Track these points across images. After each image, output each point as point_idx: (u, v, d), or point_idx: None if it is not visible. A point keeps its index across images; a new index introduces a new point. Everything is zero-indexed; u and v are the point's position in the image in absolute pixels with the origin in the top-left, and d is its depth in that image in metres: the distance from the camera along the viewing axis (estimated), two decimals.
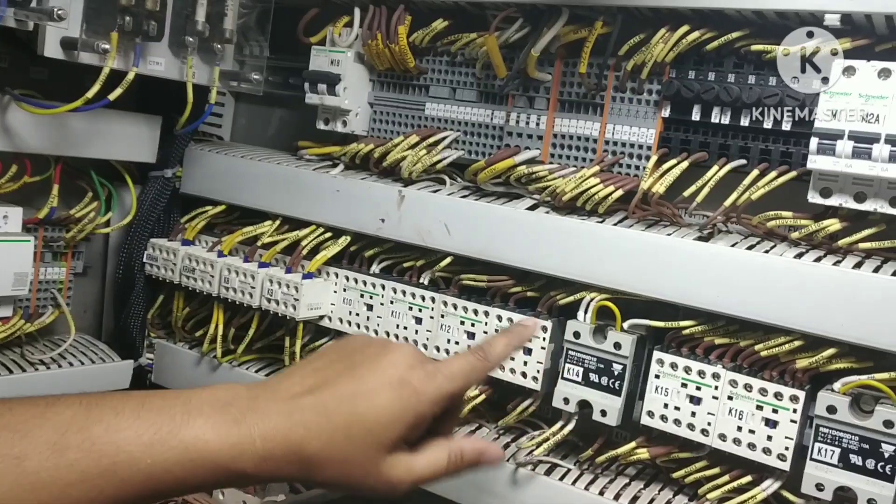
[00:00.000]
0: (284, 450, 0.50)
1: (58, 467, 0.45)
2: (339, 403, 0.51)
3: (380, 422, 0.50)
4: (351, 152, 0.80)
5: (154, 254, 0.88)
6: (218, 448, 0.48)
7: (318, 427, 0.50)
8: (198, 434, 0.48)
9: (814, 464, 0.57)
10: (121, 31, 0.73)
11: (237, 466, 0.49)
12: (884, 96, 0.55)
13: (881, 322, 0.54)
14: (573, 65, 0.70)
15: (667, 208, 0.66)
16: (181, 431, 0.48)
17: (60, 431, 0.46)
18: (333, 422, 0.51)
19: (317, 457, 0.50)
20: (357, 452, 0.51)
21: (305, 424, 0.50)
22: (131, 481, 0.46)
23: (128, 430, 0.47)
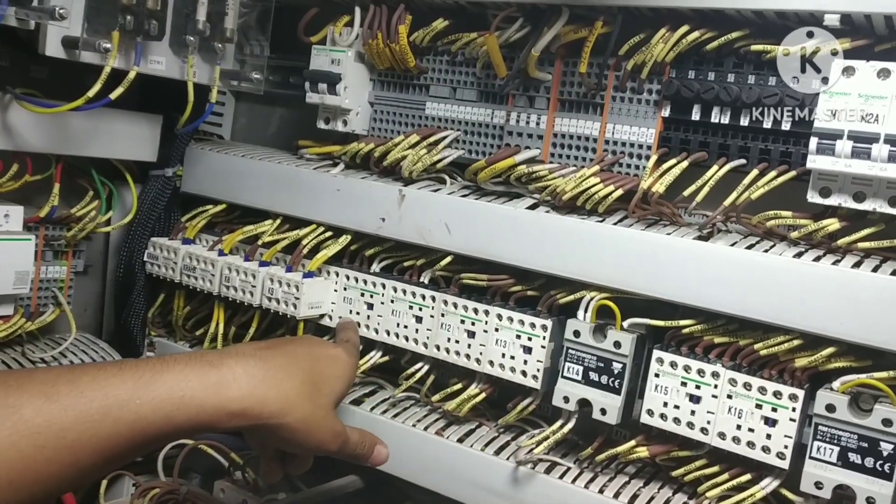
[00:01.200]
0: (265, 388, 0.56)
1: (52, 412, 0.48)
2: (304, 354, 0.62)
3: (336, 375, 0.64)
4: (351, 151, 0.81)
5: (155, 252, 0.88)
6: (201, 387, 0.53)
7: (292, 371, 0.59)
8: (178, 377, 0.53)
9: (813, 462, 0.57)
10: (122, 31, 0.73)
11: (221, 404, 0.54)
12: (883, 96, 0.55)
13: (880, 321, 0.54)
14: (573, 64, 0.70)
15: (666, 208, 0.66)
16: (163, 376, 0.53)
17: (51, 383, 0.50)
18: (303, 368, 0.60)
19: (293, 398, 0.58)
20: (321, 397, 0.61)
21: (281, 367, 0.58)
22: (123, 421, 0.50)
23: (113, 378, 0.51)
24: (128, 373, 0.52)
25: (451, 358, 0.72)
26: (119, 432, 0.50)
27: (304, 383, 0.60)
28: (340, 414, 0.78)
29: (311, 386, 0.61)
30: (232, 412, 0.55)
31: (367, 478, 0.81)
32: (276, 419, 0.58)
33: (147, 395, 0.51)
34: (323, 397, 0.62)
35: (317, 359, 0.64)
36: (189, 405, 0.53)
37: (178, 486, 0.81)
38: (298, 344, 0.67)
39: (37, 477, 0.48)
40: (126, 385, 0.51)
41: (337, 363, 0.66)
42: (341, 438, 0.63)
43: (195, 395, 0.53)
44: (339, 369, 0.66)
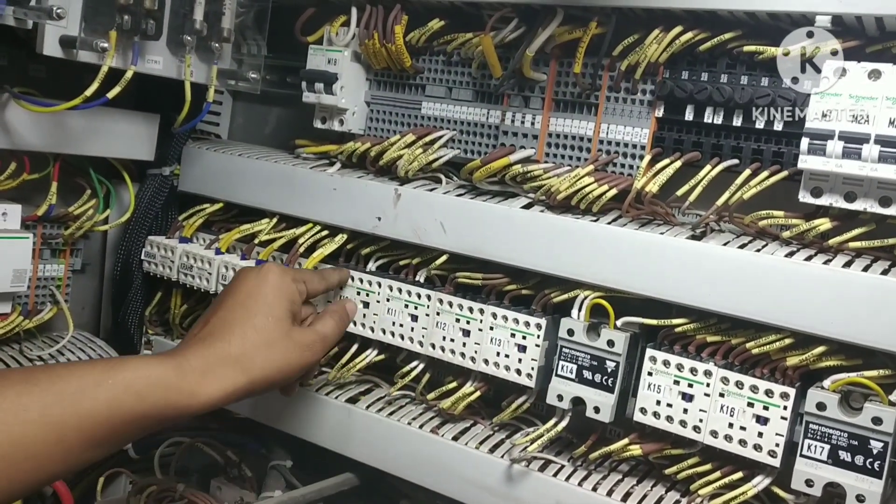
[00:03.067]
0: (218, 357, 0.61)
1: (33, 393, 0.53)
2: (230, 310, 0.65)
3: (267, 301, 0.65)
4: (348, 151, 0.81)
5: (152, 251, 0.88)
6: (162, 370, 0.58)
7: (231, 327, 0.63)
8: (140, 364, 0.58)
9: (803, 460, 0.58)
10: (119, 30, 0.73)
11: (183, 382, 0.58)
12: (874, 97, 0.55)
13: (870, 320, 0.55)
14: (568, 65, 0.71)
15: (660, 207, 0.66)
16: (125, 364, 0.58)
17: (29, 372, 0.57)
18: (239, 318, 0.64)
19: (246, 350, 0.62)
20: (267, 325, 0.64)
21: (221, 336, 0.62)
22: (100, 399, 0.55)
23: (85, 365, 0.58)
24: (98, 362, 0.59)
25: (447, 356, 0.73)
26: (97, 409, 0.54)
27: (245, 330, 0.63)
28: (338, 414, 0.78)
29: (253, 328, 0.63)
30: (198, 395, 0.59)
31: (362, 475, 0.81)
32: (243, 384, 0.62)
33: (118, 375, 0.56)
34: (269, 327, 0.64)
35: (246, 298, 0.66)
36: (157, 385, 0.57)
37: (174, 484, 0.82)
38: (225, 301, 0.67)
39: (27, 453, 0.51)
40: (97, 369, 0.57)
41: (259, 294, 0.66)
42: (317, 346, 0.68)
43: (159, 378, 0.58)
44: (260, 296, 0.66)
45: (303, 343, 0.66)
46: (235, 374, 0.61)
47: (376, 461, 0.77)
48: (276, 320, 0.65)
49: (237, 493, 0.83)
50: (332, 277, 0.76)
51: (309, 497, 0.79)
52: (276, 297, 0.66)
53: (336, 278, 0.76)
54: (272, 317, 0.65)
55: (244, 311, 0.65)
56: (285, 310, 0.66)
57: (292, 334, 0.66)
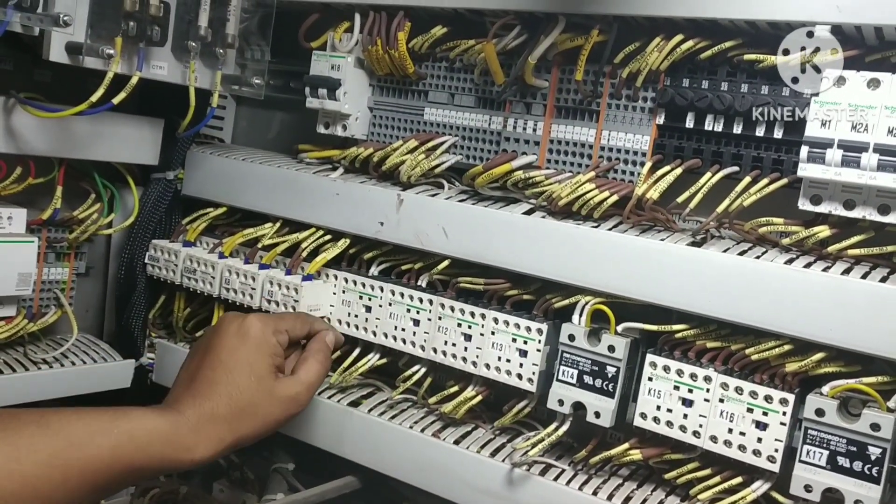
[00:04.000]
0: (208, 417, 0.63)
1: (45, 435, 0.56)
2: (213, 369, 0.66)
3: (248, 361, 0.66)
4: (350, 156, 0.81)
5: (156, 255, 0.89)
6: (162, 424, 0.61)
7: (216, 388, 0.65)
8: (142, 417, 0.61)
9: (802, 465, 0.58)
10: (125, 37, 0.74)
11: (180, 439, 0.61)
12: (873, 106, 0.56)
13: (869, 327, 0.55)
14: (570, 72, 0.71)
15: (661, 214, 0.67)
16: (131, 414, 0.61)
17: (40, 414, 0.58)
18: (222, 379, 0.65)
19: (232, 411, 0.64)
20: (251, 386, 0.66)
21: (209, 396, 0.64)
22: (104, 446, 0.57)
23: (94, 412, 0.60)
24: (105, 411, 0.60)
25: (448, 361, 0.73)
26: (102, 456, 0.57)
27: (231, 393, 0.65)
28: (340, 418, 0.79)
29: (237, 388, 0.65)
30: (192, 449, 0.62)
31: (364, 479, 0.82)
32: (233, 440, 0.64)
33: (122, 424, 0.59)
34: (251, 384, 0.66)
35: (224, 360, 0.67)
36: (157, 438, 0.60)
37: (177, 487, 0.82)
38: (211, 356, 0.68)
39: (35, 493, 0.54)
40: (104, 418, 0.60)
41: (235, 354, 0.67)
42: (302, 397, 0.68)
43: (156, 431, 0.61)
44: (241, 356, 0.67)
45: (287, 397, 0.68)
46: (225, 434, 0.64)
47: (378, 464, 0.77)
48: (258, 380, 0.66)
49: (240, 495, 0.83)
50: (316, 322, 0.75)
51: (311, 500, 0.80)
52: (257, 355, 0.67)
53: (323, 323, 0.76)
54: (254, 377, 0.66)
55: (226, 372, 0.66)
56: (267, 366, 0.67)
57: (275, 391, 0.67)
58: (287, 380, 0.68)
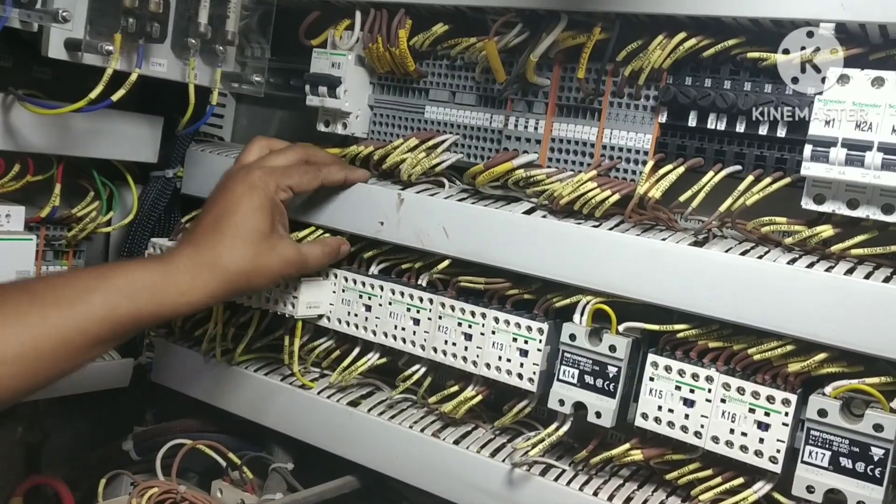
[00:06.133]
0: (206, 264, 0.67)
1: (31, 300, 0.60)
2: (217, 219, 0.69)
3: (254, 215, 0.69)
4: (351, 154, 0.81)
5: (154, 253, 0.88)
6: (151, 275, 0.65)
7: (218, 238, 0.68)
8: (131, 269, 0.65)
9: (805, 466, 0.58)
10: (124, 33, 0.74)
11: (171, 286, 0.65)
12: (877, 104, 0.55)
13: (872, 327, 0.55)
14: (571, 70, 0.71)
15: (663, 213, 0.66)
16: (116, 270, 0.66)
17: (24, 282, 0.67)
18: (224, 231, 0.68)
19: (234, 259, 0.68)
20: (253, 237, 0.69)
21: (208, 244, 0.68)
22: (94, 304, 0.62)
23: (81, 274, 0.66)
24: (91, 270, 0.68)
25: (448, 360, 0.73)
26: (93, 311, 0.61)
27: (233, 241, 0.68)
28: (340, 417, 0.79)
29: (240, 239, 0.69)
30: (188, 292, 0.66)
31: (363, 478, 0.81)
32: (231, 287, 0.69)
33: (109, 280, 0.63)
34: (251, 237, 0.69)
35: (227, 209, 0.70)
36: (146, 288, 0.64)
37: (175, 486, 0.82)
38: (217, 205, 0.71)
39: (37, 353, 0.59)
40: (91, 276, 0.65)
41: (239, 204, 0.70)
42: (296, 266, 0.73)
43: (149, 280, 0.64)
44: (243, 208, 0.69)
45: (283, 255, 0.71)
46: (220, 279, 0.67)
47: (377, 464, 0.77)
48: (261, 233, 0.70)
49: (238, 495, 0.83)
50: (333, 172, 0.77)
51: (310, 500, 0.79)
52: (262, 209, 0.70)
53: (339, 174, 0.77)
54: (258, 229, 0.69)
55: (230, 223, 0.69)
56: (269, 221, 0.71)
57: (276, 245, 0.71)
58: (289, 242, 0.73)
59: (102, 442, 0.94)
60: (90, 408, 0.96)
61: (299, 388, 0.82)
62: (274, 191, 0.71)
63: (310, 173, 0.74)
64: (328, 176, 0.76)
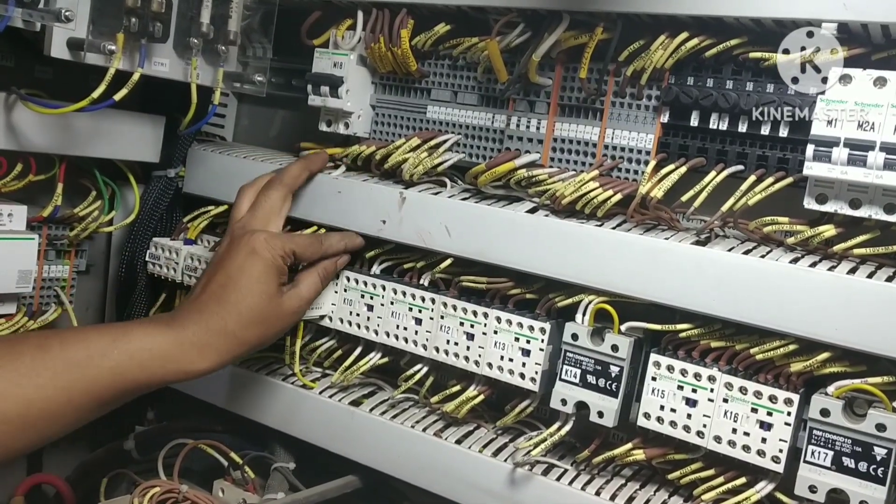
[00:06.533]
0: (215, 332, 0.68)
1: (45, 359, 0.60)
2: (223, 286, 0.70)
3: (259, 280, 0.70)
4: (353, 154, 0.81)
5: (156, 252, 0.89)
6: (165, 344, 0.65)
7: (225, 307, 0.69)
8: (143, 336, 0.65)
9: (807, 466, 0.58)
10: (127, 33, 0.74)
11: (182, 356, 0.66)
12: (879, 104, 0.56)
13: (875, 327, 0.55)
14: (573, 70, 0.71)
15: (665, 212, 0.67)
16: (132, 333, 0.65)
17: (44, 337, 0.64)
18: (229, 299, 0.69)
19: (242, 325, 0.69)
20: (260, 303, 0.70)
21: (215, 313, 0.68)
22: (105, 367, 0.62)
23: (94, 333, 0.64)
24: (106, 331, 0.65)
25: (450, 360, 0.73)
26: (103, 376, 0.62)
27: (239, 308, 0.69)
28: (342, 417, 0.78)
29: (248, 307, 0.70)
30: (196, 365, 0.67)
31: (365, 478, 0.81)
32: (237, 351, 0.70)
33: (122, 346, 0.63)
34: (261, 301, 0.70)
35: (232, 277, 0.71)
36: (158, 356, 0.65)
37: (177, 486, 0.82)
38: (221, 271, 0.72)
39: (41, 413, 0.59)
40: (105, 339, 0.63)
41: (245, 269, 0.71)
42: (302, 310, 0.75)
43: (159, 350, 0.65)
44: (250, 272, 0.71)
45: (290, 310, 0.73)
46: (230, 346, 0.69)
47: (379, 464, 0.77)
48: (268, 297, 0.71)
49: (240, 494, 0.83)
50: (334, 244, 0.77)
51: (312, 499, 0.79)
52: (267, 274, 0.71)
53: (340, 244, 0.77)
54: (265, 294, 0.70)
55: (235, 290, 0.70)
56: (275, 285, 0.71)
57: (282, 306, 0.72)
58: (291, 294, 0.73)
59: (104, 441, 0.94)
60: None
61: (301, 388, 0.82)
62: (278, 255, 0.72)
63: (314, 245, 0.75)
64: (329, 248, 0.77)
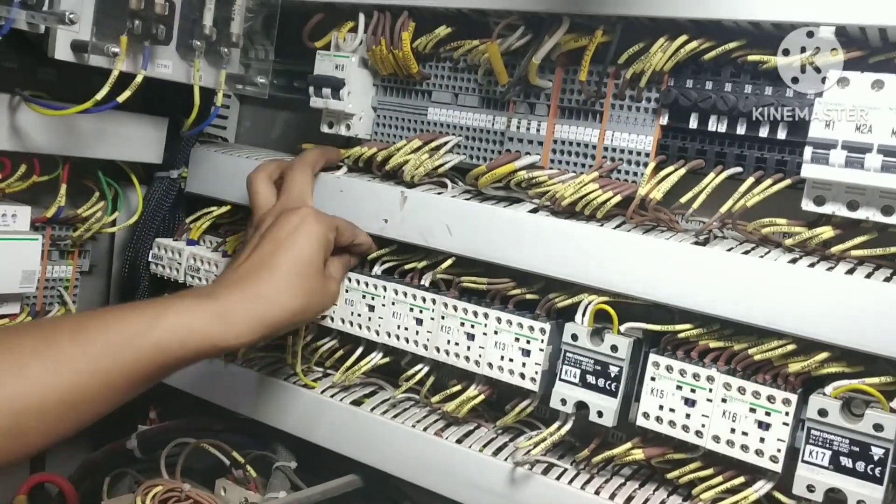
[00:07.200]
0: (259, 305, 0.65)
1: (83, 344, 0.58)
2: (273, 252, 0.68)
3: (310, 253, 0.69)
4: (354, 155, 0.82)
5: (159, 253, 0.89)
6: (206, 318, 0.63)
7: (274, 272, 0.67)
8: (183, 313, 0.62)
9: (805, 466, 0.58)
10: (130, 35, 0.74)
11: (225, 330, 0.63)
12: (876, 107, 0.56)
13: (872, 327, 0.55)
14: (573, 72, 0.71)
15: (664, 214, 0.67)
16: (171, 310, 0.62)
17: (79, 321, 0.61)
18: (280, 265, 0.67)
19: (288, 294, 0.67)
20: (310, 283, 0.69)
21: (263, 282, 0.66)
22: (143, 348, 0.60)
23: (132, 314, 0.61)
24: (143, 309, 0.62)
25: (451, 360, 0.73)
26: (141, 358, 0.60)
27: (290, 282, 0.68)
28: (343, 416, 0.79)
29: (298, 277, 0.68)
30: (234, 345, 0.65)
31: (366, 477, 0.82)
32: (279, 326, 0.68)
33: (162, 325, 0.61)
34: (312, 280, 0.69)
35: (284, 244, 0.69)
36: (199, 332, 0.62)
37: (180, 484, 0.82)
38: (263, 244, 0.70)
39: (79, 398, 0.58)
40: (144, 319, 0.61)
41: (298, 241, 0.69)
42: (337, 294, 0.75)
43: (200, 326, 0.63)
44: (305, 245, 0.69)
45: (331, 293, 0.74)
46: (274, 314, 0.66)
47: (380, 463, 0.77)
48: (317, 269, 0.70)
49: (242, 493, 0.83)
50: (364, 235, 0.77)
51: (313, 498, 0.80)
52: (318, 244, 0.70)
53: (367, 237, 0.77)
54: (313, 265, 0.69)
55: (287, 253, 0.68)
56: (322, 258, 0.71)
57: (327, 286, 0.72)
58: (334, 280, 0.74)
59: (106, 441, 0.94)
60: None
61: (303, 388, 0.82)
62: (329, 228, 0.72)
63: (350, 229, 0.75)
64: (359, 236, 0.77)
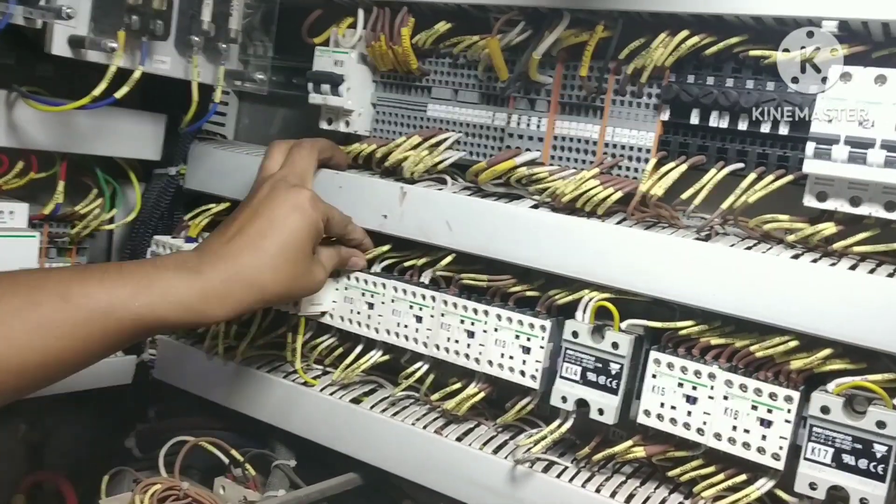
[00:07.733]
0: (243, 282, 0.65)
1: (66, 310, 0.58)
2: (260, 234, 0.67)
3: (301, 237, 0.68)
4: (353, 152, 0.81)
5: (157, 250, 0.89)
6: (188, 293, 0.63)
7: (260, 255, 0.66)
8: (169, 283, 0.63)
9: (807, 463, 0.58)
10: (128, 30, 0.74)
11: (205, 305, 0.64)
12: (879, 102, 0.56)
13: (875, 323, 0.55)
14: (574, 68, 0.71)
15: (665, 210, 0.67)
16: (155, 282, 0.62)
17: (65, 284, 0.60)
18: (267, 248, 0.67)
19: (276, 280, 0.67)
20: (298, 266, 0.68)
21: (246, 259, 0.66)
22: (125, 319, 0.60)
23: (115, 282, 0.61)
24: (128, 276, 0.62)
25: (451, 357, 0.73)
26: (121, 327, 0.61)
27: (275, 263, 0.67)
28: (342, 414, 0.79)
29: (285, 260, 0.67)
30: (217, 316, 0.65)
31: (366, 475, 0.81)
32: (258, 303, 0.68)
33: (144, 298, 0.61)
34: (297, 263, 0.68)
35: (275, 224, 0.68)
36: (180, 305, 0.63)
37: (178, 483, 0.82)
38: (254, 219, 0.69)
39: (58, 361, 0.58)
40: (126, 289, 0.61)
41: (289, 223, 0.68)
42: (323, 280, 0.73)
43: (183, 300, 0.63)
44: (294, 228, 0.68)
45: (317, 280, 0.72)
46: (254, 296, 0.66)
47: (380, 461, 0.77)
48: (305, 255, 0.69)
49: (241, 492, 0.83)
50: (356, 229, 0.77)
51: (312, 497, 0.79)
52: (309, 231, 0.69)
53: (360, 233, 0.77)
54: (302, 251, 0.68)
55: (277, 236, 0.67)
56: (311, 245, 0.70)
57: (313, 269, 0.71)
58: (321, 265, 0.72)
59: (105, 439, 0.94)
60: (93, 405, 0.96)
61: (302, 386, 0.82)
62: (321, 216, 0.70)
63: (343, 221, 0.75)
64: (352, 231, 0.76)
